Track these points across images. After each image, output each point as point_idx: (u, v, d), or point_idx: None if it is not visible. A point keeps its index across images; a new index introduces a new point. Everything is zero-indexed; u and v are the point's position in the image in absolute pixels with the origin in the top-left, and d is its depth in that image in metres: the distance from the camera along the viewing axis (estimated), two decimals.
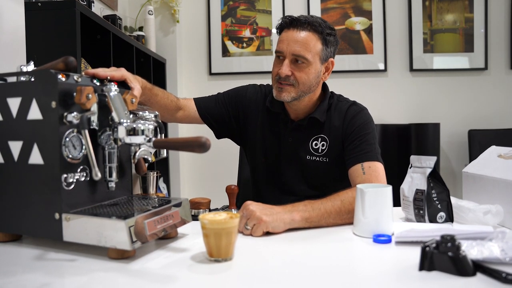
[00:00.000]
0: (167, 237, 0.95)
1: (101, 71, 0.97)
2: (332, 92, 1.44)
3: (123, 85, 1.01)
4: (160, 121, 0.98)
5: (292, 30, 1.27)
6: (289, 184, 1.40)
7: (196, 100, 1.46)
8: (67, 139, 0.83)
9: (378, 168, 1.24)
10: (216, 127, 1.48)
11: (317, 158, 1.36)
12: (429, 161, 1.06)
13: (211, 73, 3.15)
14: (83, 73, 0.94)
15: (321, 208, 1.06)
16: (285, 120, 1.39)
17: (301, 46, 1.25)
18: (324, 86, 1.42)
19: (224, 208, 1.31)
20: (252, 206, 1.01)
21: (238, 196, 1.44)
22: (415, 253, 0.76)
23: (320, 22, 1.28)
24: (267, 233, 0.99)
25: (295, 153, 1.38)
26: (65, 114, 0.83)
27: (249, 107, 1.46)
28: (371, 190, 0.95)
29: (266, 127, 1.43)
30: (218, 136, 1.52)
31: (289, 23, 1.28)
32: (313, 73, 1.29)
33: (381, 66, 3.11)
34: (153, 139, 0.87)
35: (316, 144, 1.36)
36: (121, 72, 1.02)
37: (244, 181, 1.77)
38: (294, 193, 1.37)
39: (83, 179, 0.87)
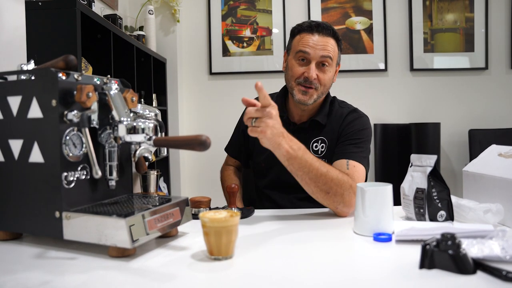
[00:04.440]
0: (167, 235, 0.95)
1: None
2: (334, 97, 1.46)
3: (123, 84, 1.01)
4: (160, 119, 0.98)
5: (317, 35, 1.30)
6: (292, 185, 1.39)
7: (229, 151, 1.63)
8: (68, 137, 0.84)
9: (360, 170, 1.26)
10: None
11: None
12: (429, 160, 1.06)
13: (211, 73, 3.15)
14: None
15: (307, 160, 1.09)
16: (287, 123, 1.40)
17: (328, 50, 1.30)
18: None
19: (224, 207, 1.31)
20: (274, 118, 1.02)
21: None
22: (416, 251, 0.76)
23: (335, 29, 1.34)
24: (268, 231, 0.98)
25: None
26: (66, 112, 0.83)
27: None
28: (371, 189, 0.95)
29: None
30: (246, 165, 1.61)
31: (313, 27, 1.31)
32: (331, 76, 1.35)
33: (382, 66, 3.11)
34: (154, 137, 0.87)
35: (316, 146, 1.38)
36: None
37: (244, 181, 1.77)
38: (298, 192, 1.36)
39: (83, 177, 0.87)
